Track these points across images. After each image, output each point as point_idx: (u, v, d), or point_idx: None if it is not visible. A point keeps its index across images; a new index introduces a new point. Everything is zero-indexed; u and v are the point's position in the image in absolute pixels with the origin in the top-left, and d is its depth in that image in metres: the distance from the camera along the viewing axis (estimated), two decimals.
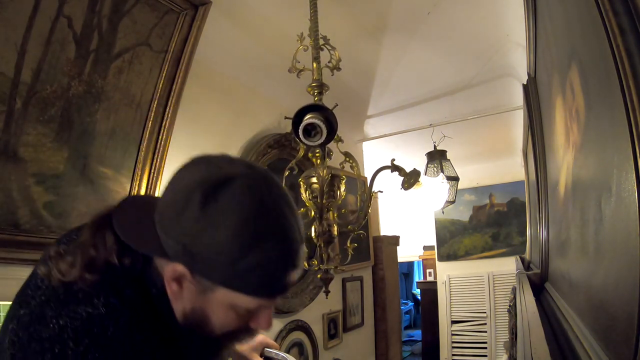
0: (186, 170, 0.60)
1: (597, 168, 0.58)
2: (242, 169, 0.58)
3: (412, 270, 8.82)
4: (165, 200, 0.59)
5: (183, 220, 0.55)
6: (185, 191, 0.56)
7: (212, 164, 0.59)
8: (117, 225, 0.60)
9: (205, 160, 0.61)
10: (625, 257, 0.44)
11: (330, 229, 1.37)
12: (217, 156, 0.63)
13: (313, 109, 1.18)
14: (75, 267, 0.56)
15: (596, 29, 0.47)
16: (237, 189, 0.55)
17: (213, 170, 0.57)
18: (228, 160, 0.61)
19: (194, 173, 0.58)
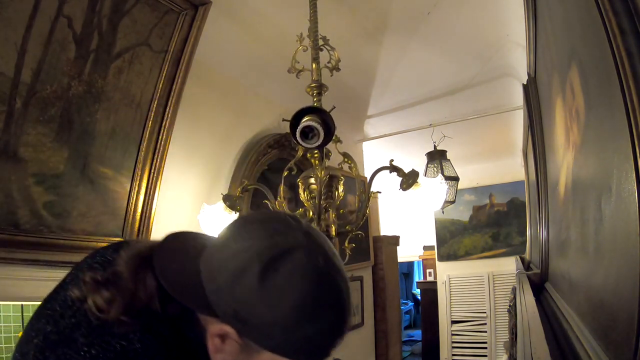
0: (242, 232, 0.59)
1: (597, 168, 0.58)
2: (300, 238, 0.57)
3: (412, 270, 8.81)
4: (217, 260, 0.57)
5: (238, 289, 0.54)
6: (242, 259, 0.54)
7: (270, 230, 0.57)
8: (160, 271, 0.58)
9: (261, 222, 0.60)
10: (625, 257, 0.44)
11: (328, 230, 1.37)
12: (273, 217, 0.62)
13: (310, 111, 1.18)
14: (114, 308, 0.54)
15: (596, 29, 0.47)
16: (296, 261, 0.54)
17: (272, 240, 0.56)
18: (285, 223, 0.59)
19: (252, 240, 0.56)
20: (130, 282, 0.57)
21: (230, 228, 0.61)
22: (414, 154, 3.22)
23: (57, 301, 0.60)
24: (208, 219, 1.49)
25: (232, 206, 1.49)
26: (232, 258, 0.55)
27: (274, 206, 1.46)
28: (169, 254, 0.62)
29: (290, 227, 0.58)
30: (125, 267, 0.58)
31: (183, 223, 1.75)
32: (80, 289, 0.58)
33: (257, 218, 0.62)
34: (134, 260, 0.59)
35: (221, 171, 1.98)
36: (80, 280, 0.59)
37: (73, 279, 0.62)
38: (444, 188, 1.40)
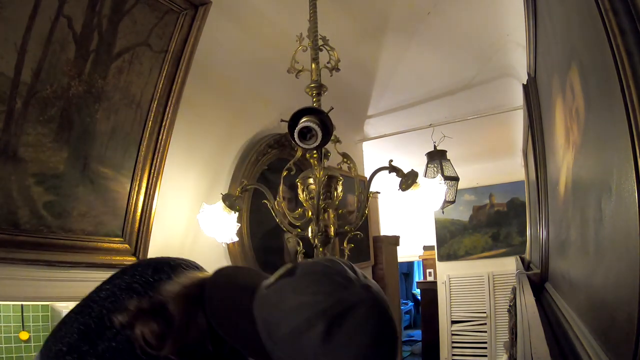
0: (304, 285, 0.59)
1: (597, 168, 0.58)
2: (362, 293, 0.58)
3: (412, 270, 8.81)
4: (278, 312, 0.57)
5: (300, 343, 0.54)
6: (306, 315, 0.55)
7: (333, 284, 0.58)
8: (213, 315, 0.57)
9: (322, 274, 0.60)
10: (625, 257, 0.44)
11: (327, 230, 1.37)
12: (333, 269, 0.61)
13: (308, 111, 1.18)
14: (166, 346, 0.54)
15: (596, 29, 0.47)
16: (359, 318, 0.55)
17: (337, 296, 0.56)
18: (345, 276, 0.59)
19: (316, 295, 0.56)
20: (182, 321, 0.56)
21: (288, 276, 0.60)
22: (413, 154, 3.23)
23: (92, 318, 0.59)
24: (208, 218, 1.49)
25: (232, 206, 1.49)
26: (296, 312, 0.56)
27: (273, 206, 1.46)
28: (220, 295, 0.61)
29: (351, 281, 0.59)
30: (176, 304, 0.58)
31: (183, 223, 1.75)
32: (124, 315, 0.57)
33: (317, 269, 0.61)
34: (184, 297, 0.59)
35: (221, 171, 1.98)
36: (123, 303, 0.58)
37: (110, 296, 0.61)
38: (443, 188, 1.40)
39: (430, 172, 3.01)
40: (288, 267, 0.62)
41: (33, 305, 2.10)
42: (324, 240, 1.37)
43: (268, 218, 1.90)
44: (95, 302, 0.61)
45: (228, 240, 1.52)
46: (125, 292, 0.60)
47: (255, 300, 0.60)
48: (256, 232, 2.05)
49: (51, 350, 0.57)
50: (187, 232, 1.75)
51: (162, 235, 1.62)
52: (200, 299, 0.58)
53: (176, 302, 0.58)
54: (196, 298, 0.59)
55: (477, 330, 4.34)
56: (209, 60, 1.82)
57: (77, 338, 0.56)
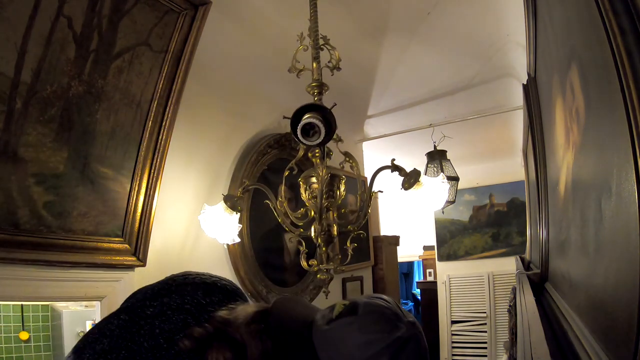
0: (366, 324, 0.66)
1: (597, 168, 0.58)
2: (411, 328, 0.67)
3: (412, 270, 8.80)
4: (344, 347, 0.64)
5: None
6: (373, 350, 0.63)
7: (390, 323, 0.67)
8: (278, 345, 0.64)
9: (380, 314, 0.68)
10: (625, 257, 0.44)
11: (329, 229, 1.37)
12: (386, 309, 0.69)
13: (311, 108, 1.17)
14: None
15: (596, 29, 0.47)
16: (411, 350, 0.65)
17: (395, 334, 0.65)
18: (397, 315, 0.69)
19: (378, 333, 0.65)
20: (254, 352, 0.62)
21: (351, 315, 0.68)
22: (414, 154, 3.23)
23: (143, 336, 0.62)
24: (209, 219, 1.49)
25: (233, 206, 1.49)
26: (364, 348, 0.64)
27: (275, 206, 1.46)
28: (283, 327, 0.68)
29: (401, 319, 0.68)
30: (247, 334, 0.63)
31: (183, 223, 1.75)
32: (193, 342, 0.61)
33: (377, 310, 0.69)
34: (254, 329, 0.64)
35: (221, 171, 1.98)
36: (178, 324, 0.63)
37: (159, 315, 0.65)
38: (445, 187, 1.40)
39: (430, 172, 3.01)
40: (348, 305, 0.70)
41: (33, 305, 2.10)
42: (327, 239, 1.36)
43: (268, 218, 1.90)
44: (143, 318, 0.64)
45: (230, 241, 1.52)
46: (178, 313, 0.64)
47: (315, 334, 0.67)
48: (256, 232, 2.05)
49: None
50: (187, 232, 1.75)
51: (162, 235, 1.62)
52: (265, 330, 0.65)
53: (247, 333, 0.64)
54: (263, 330, 0.65)
55: (477, 330, 4.34)
56: (209, 60, 1.82)
57: (127, 356, 0.59)
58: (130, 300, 0.71)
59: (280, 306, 0.72)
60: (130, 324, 0.63)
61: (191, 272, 0.77)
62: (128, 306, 0.67)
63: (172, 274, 0.79)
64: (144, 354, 0.59)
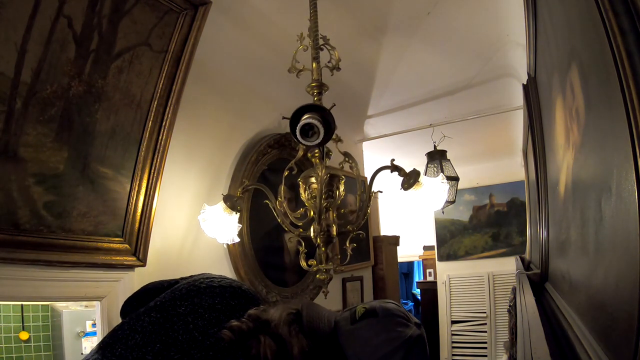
0: (386, 325, 0.80)
1: (597, 168, 0.58)
2: (418, 327, 0.83)
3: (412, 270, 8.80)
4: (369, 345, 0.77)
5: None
6: (392, 347, 0.76)
7: (403, 323, 0.81)
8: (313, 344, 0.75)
9: (397, 317, 0.82)
10: (625, 257, 0.44)
11: (329, 229, 1.37)
12: (397, 312, 0.83)
13: (310, 109, 1.17)
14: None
15: (596, 29, 0.47)
16: (421, 345, 0.80)
17: (407, 333, 0.79)
18: (406, 317, 0.83)
19: (397, 332, 0.78)
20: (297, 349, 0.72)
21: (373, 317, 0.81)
22: (414, 154, 3.23)
23: (177, 331, 0.70)
24: (209, 219, 1.49)
25: (233, 206, 1.48)
26: (385, 344, 0.77)
27: (275, 206, 1.46)
28: (315, 329, 0.78)
29: (410, 320, 0.83)
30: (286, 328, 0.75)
31: (183, 223, 1.75)
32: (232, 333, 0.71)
33: (393, 313, 0.83)
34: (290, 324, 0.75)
35: (221, 171, 1.98)
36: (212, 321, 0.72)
37: (191, 313, 0.73)
38: (445, 187, 1.39)
39: (430, 172, 3.01)
40: (368, 308, 0.83)
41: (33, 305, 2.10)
42: (326, 240, 1.36)
43: (268, 218, 1.90)
44: (176, 316, 0.72)
45: (229, 241, 1.52)
46: (210, 312, 0.73)
47: (341, 333, 0.79)
48: (256, 232, 2.05)
49: (127, 358, 0.65)
50: (187, 232, 1.75)
51: (162, 236, 1.62)
52: (301, 329, 0.75)
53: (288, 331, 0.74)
54: (298, 327, 0.75)
55: (477, 330, 4.34)
56: (209, 60, 1.82)
57: (162, 348, 0.66)
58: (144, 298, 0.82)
59: (309, 309, 0.83)
60: (163, 321, 0.70)
61: (214, 275, 0.89)
62: (158, 305, 0.74)
63: (191, 276, 0.93)
64: (179, 346, 0.67)
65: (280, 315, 0.77)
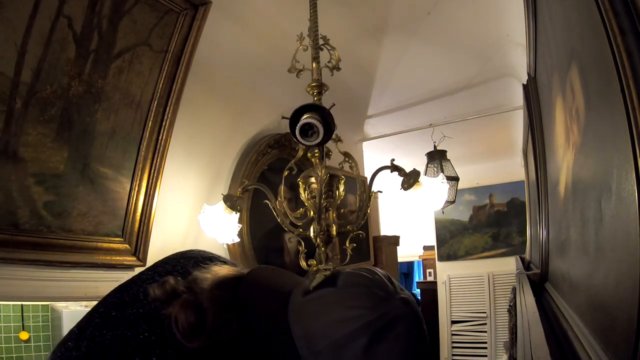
0: (346, 298, 0.58)
1: (597, 168, 0.58)
2: (401, 306, 0.58)
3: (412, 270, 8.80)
4: (318, 324, 0.57)
5: (341, 356, 0.55)
6: (349, 329, 0.55)
7: (375, 297, 0.57)
8: (246, 320, 0.58)
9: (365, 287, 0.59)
10: (625, 257, 0.44)
11: (329, 229, 1.37)
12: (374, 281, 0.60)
13: (310, 108, 1.17)
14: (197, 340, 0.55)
15: (596, 29, 0.47)
16: (399, 332, 0.55)
17: (379, 311, 0.56)
18: (386, 289, 0.59)
19: (359, 309, 0.56)
20: (216, 322, 0.57)
21: (330, 286, 0.59)
22: (414, 154, 3.23)
23: (128, 294, 0.62)
24: (209, 219, 1.49)
25: (233, 206, 1.48)
26: (340, 325, 0.55)
27: (275, 206, 1.46)
28: (254, 299, 0.61)
29: (391, 294, 0.59)
30: (211, 304, 0.58)
31: (183, 223, 1.75)
32: (162, 291, 0.59)
33: (360, 282, 0.60)
34: (219, 298, 0.59)
35: (221, 171, 1.98)
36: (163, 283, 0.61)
37: (149, 279, 0.64)
38: (445, 188, 1.39)
39: (430, 172, 3.01)
40: (328, 275, 0.62)
41: (33, 305, 2.10)
42: (326, 239, 1.36)
43: (268, 218, 1.90)
44: (135, 282, 0.65)
45: (229, 241, 1.52)
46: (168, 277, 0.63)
47: (290, 308, 0.60)
48: (256, 232, 2.05)
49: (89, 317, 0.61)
50: (187, 233, 1.75)
51: (162, 236, 1.62)
52: (234, 300, 0.59)
53: (208, 299, 0.58)
54: (230, 300, 0.59)
55: (477, 330, 4.34)
56: (209, 60, 1.82)
57: (110, 307, 0.61)
58: None
59: (256, 274, 0.66)
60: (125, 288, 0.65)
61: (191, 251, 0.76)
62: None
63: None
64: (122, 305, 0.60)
65: (213, 279, 0.61)
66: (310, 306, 0.58)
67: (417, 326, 0.58)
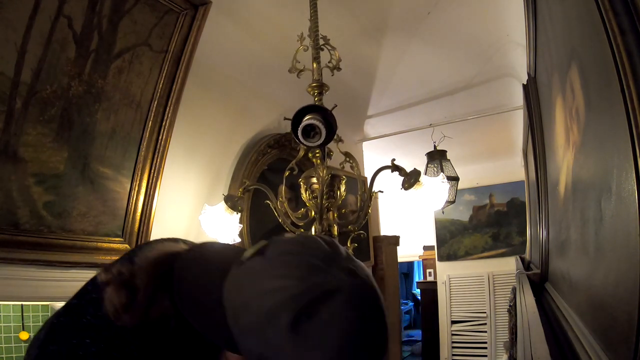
0: (275, 266, 0.50)
1: (597, 168, 0.58)
2: (342, 278, 0.49)
3: (412, 270, 8.81)
4: (244, 295, 0.50)
5: (266, 333, 0.47)
6: (273, 302, 0.47)
7: (308, 266, 0.49)
8: (179, 294, 0.52)
9: (298, 254, 0.51)
10: (625, 257, 0.44)
11: (330, 229, 1.37)
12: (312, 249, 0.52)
13: (312, 109, 1.17)
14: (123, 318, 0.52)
15: (596, 29, 0.47)
16: (335, 308, 0.46)
17: (310, 282, 0.47)
18: (325, 257, 0.50)
19: (286, 279, 0.48)
20: (145, 298, 0.53)
21: (260, 255, 0.53)
22: (414, 154, 3.22)
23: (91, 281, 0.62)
24: (210, 219, 1.49)
25: (234, 207, 1.49)
26: (262, 297, 0.48)
27: (276, 206, 1.46)
28: (191, 273, 0.55)
29: (331, 263, 0.50)
30: (142, 278, 0.55)
31: (183, 223, 1.75)
32: (108, 275, 0.56)
33: (291, 249, 0.52)
34: (152, 273, 0.55)
35: (221, 171, 1.98)
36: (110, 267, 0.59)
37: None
38: (445, 187, 1.40)
39: (430, 172, 3.00)
40: (262, 244, 0.54)
41: (33, 305, 2.10)
42: None
43: (268, 218, 1.90)
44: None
45: (230, 241, 1.52)
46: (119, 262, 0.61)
47: (227, 281, 0.52)
48: (256, 232, 2.05)
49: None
50: (187, 233, 1.75)
51: (162, 236, 1.62)
52: (169, 275, 0.54)
53: (143, 276, 0.54)
54: (164, 274, 0.54)
55: (477, 330, 4.34)
56: (209, 60, 1.82)
57: (74, 297, 0.62)
58: None
59: (198, 248, 0.61)
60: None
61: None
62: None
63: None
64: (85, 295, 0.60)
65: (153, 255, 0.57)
66: (239, 277, 0.51)
67: (364, 303, 0.49)
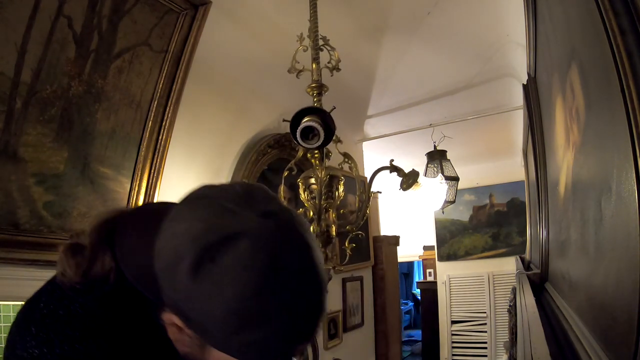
0: (187, 209, 0.50)
1: (597, 168, 0.58)
2: (254, 220, 0.46)
3: (412, 270, 8.81)
4: (159, 241, 0.49)
5: (174, 279, 0.46)
6: (177, 244, 0.46)
7: (219, 209, 0.47)
8: (119, 252, 0.53)
9: (212, 197, 0.49)
10: (625, 257, 0.44)
11: (328, 230, 1.37)
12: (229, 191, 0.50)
13: (311, 111, 1.18)
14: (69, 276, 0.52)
15: (596, 29, 0.47)
16: (239, 252, 0.44)
17: (215, 222, 0.46)
18: (242, 200, 0.48)
19: (193, 221, 0.47)
20: (89, 256, 0.52)
21: (182, 200, 0.52)
22: (414, 154, 3.22)
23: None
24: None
25: None
26: (170, 240, 0.47)
27: None
28: (130, 228, 0.55)
29: (245, 206, 0.47)
30: (87, 239, 0.54)
31: None
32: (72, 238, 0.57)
33: (211, 192, 0.50)
34: (96, 234, 0.55)
35: (221, 171, 1.98)
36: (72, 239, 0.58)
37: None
38: (444, 188, 1.40)
39: (430, 172, 3.00)
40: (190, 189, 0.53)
41: None
42: (326, 240, 1.37)
43: None
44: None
45: None
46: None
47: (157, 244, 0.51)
48: None
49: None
50: None
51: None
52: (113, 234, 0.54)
53: (89, 234, 0.54)
54: (109, 234, 0.54)
55: (477, 330, 4.34)
56: (209, 60, 1.82)
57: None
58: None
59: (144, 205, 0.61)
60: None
61: None
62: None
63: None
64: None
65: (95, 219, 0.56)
66: (164, 224, 0.50)
67: (274, 247, 0.45)
